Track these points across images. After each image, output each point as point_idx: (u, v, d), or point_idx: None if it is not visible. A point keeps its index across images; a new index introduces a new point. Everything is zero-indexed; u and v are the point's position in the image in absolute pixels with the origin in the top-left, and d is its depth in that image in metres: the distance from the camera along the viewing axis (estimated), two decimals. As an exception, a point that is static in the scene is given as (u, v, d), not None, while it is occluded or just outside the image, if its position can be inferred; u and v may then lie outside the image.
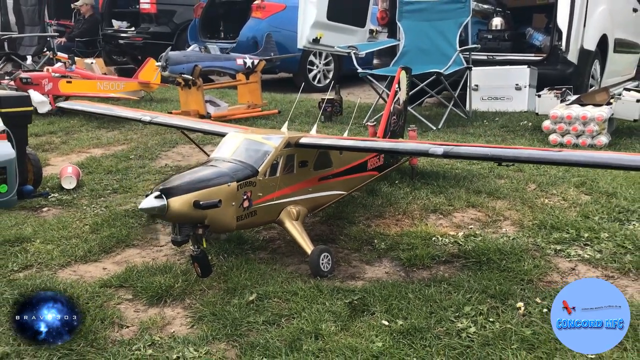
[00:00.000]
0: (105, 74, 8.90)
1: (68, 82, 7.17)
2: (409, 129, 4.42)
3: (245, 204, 2.79)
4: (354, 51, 6.52)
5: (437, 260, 3.04)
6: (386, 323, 2.40)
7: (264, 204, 2.90)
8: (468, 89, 6.82)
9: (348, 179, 3.45)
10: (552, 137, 5.48)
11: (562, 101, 5.78)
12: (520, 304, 2.50)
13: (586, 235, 3.25)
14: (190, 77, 6.36)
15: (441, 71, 5.95)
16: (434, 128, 6.05)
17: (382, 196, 3.95)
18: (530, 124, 6.12)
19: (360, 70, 6.37)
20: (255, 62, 7.02)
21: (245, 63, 6.93)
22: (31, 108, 4.36)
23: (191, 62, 6.40)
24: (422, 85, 6.13)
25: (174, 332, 2.45)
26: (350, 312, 2.51)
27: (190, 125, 3.70)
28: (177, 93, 7.10)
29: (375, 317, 2.45)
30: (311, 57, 9.38)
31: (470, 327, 2.35)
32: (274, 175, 2.95)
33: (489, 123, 6.33)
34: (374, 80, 6.42)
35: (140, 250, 3.32)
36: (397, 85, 4.34)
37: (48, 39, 9.76)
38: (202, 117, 6.35)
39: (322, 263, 2.88)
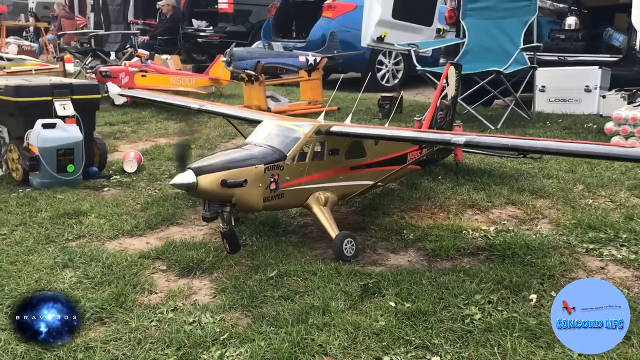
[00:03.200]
0: (179, 70, 9.39)
1: (143, 75, 7.66)
2: (455, 124, 4.40)
3: (272, 186, 2.93)
4: (414, 49, 6.53)
5: (462, 252, 3.05)
6: (393, 304, 2.45)
7: (292, 188, 3.02)
8: (534, 90, 6.64)
9: (383, 170, 3.50)
10: (614, 140, 5.24)
11: (629, 102, 5.52)
12: (533, 296, 2.48)
13: (624, 236, 3.14)
14: (253, 73, 6.61)
15: (500, 70, 5.84)
16: (492, 128, 5.95)
17: (421, 190, 3.98)
18: (595, 126, 5.88)
19: (419, 67, 6.38)
20: (318, 59, 7.18)
21: (307, 60, 7.11)
22: (99, 96, 4.74)
23: (254, 58, 6.65)
24: (482, 82, 6.05)
25: (196, 300, 2.63)
26: (362, 293, 2.58)
27: (233, 113, 3.90)
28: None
29: (385, 299, 2.52)
30: (380, 57, 9.42)
31: (477, 314, 2.36)
32: (303, 160, 3.06)
33: (551, 125, 6.14)
34: (432, 78, 6.39)
35: (182, 228, 3.54)
36: (444, 81, 4.33)
37: (131, 36, 10.43)
38: (263, 111, 6.58)
39: (346, 248, 2.97)
